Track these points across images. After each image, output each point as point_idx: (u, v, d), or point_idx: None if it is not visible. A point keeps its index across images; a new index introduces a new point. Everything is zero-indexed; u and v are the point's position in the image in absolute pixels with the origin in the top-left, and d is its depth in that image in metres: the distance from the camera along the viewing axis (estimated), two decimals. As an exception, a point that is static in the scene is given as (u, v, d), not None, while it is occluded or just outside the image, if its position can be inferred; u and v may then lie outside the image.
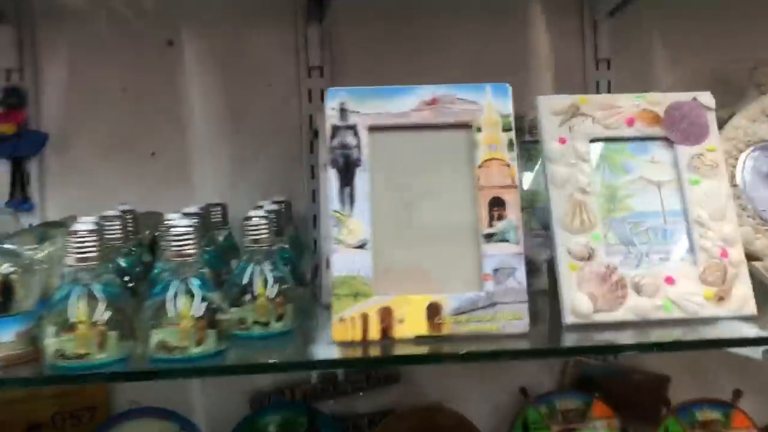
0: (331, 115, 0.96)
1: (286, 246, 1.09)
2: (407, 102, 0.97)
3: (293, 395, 1.37)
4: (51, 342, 0.83)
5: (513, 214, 0.95)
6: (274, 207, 1.07)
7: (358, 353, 0.91)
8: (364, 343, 0.91)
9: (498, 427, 1.37)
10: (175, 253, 0.86)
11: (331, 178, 0.95)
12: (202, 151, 1.33)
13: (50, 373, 0.84)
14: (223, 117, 1.32)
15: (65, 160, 1.31)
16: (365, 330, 0.91)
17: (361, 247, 0.93)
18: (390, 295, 0.92)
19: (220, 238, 1.16)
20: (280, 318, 0.96)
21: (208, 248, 1.05)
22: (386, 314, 0.92)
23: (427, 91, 0.97)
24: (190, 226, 0.87)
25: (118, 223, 1.03)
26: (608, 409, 1.34)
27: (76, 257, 0.84)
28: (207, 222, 1.07)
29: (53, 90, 1.29)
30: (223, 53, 1.32)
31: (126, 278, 1.01)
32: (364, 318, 0.91)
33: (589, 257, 0.97)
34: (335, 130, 0.96)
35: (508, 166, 0.96)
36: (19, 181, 1.27)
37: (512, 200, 0.95)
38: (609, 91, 1.38)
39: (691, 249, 1.00)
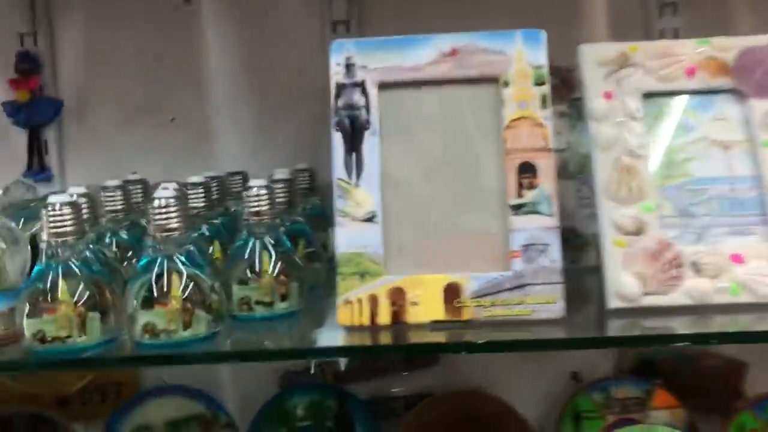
0: (335, 72, 0.85)
1: (300, 219, 0.99)
2: (423, 54, 0.85)
3: (324, 375, 1.28)
4: (28, 323, 0.77)
5: (546, 182, 0.82)
6: (284, 176, 0.97)
7: (365, 340, 0.81)
8: (373, 328, 0.81)
9: (545, 415, 1.24)
10: (159, 228, 0.78)
11: (335, 143, 0.84)
12: (223, 116, 1.24)
13: (27, 358, 0.78)
14: (244, 79, 1.23)
15: (83, 127, 1.26)
16: (374, 313, 0.81)
17: (369, 220, 0.83)
18: (402, 275, 0.82)
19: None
20: (284, 298, 0.87)
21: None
22: (398, 296, 0.81)
23: (446, 41, 0.85)
24: (173, 197, 0.78)
25: (118, 194, 0.96)
26: (672, 399, 1.20)
27: (52, 232, 0.77)
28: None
29: (68, 54, 1.23)
30: (242, 9, 1.22)
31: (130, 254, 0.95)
32: (373, 300, 0.81)
33: (639, 231, 0.83)
34: (340, 88, 0.85)
35: (541, 125, 0.83)
36: (36, 151, 1.23)
37: (545, 165, 0.82)
38: (677, 41, 1.21)
39: (765, 222, 0.84)
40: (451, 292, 0.81)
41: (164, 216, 0.78)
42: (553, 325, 0.80)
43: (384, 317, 0.81)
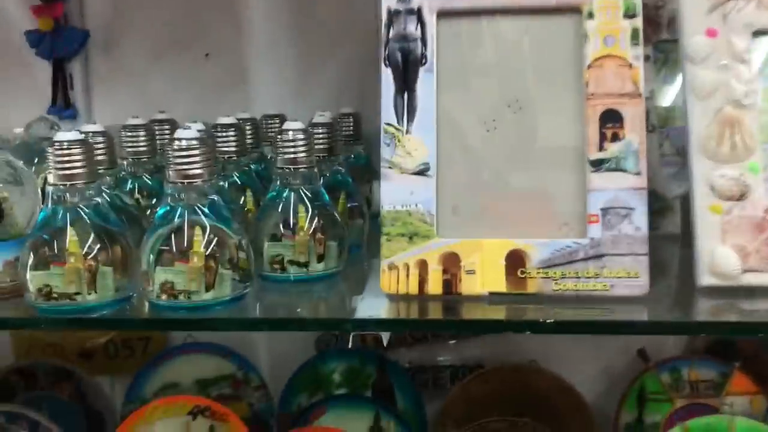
0: (388, -4, 0.72)
1: (341, 168, 0.88)
2: (493, -23, 0.71)
3: (364, 340, 1.19)
4: (32, 276, 0.68)
5: (634, 134, 0.69)
6: (325, 120, 0.85)
7: (411, 311, 0.70)
8: (422, 297, 0.70)
9: (607, 394, 1.12)
10: (179, 174, 0.68)
11: (385, 81, 0.72)
12: (262, 53, 1.12)
13: (31, 315, 0.69)
14: (284, 10, 1.11)
15: (111, 61, 1.15)
16: (423, 282, 0.70)
17: (421, 173, 0.71)
18: (457, 238, 0.70)
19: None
20: (320, 258, 0.76)
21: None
22: (451, 262, 0.70)
23: (522, -38, 0.71)
24: (196, 139, 0.67)
25: (141, 134, 0.86)
26: (752, 384, 1.07)
27: (59, 173, 0.68)
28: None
29: (97, -19, 1.13)
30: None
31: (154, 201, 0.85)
32: (422, 266, 0.70)
33: (741, 196, 0.70)
34: (392, 15, 0.72)
35: (630, 66, 0.69)
36: (61, 85, 1.13)
37: (634, 114, 0.69)
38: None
39: None
40: (514, 261, 0.69)
41: (185, 160, 0.67)
42: (634, 303, 0.68)
43: (434, 286, 0.70)
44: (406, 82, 0.72)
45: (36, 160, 0.86)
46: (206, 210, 0.69)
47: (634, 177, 0.68)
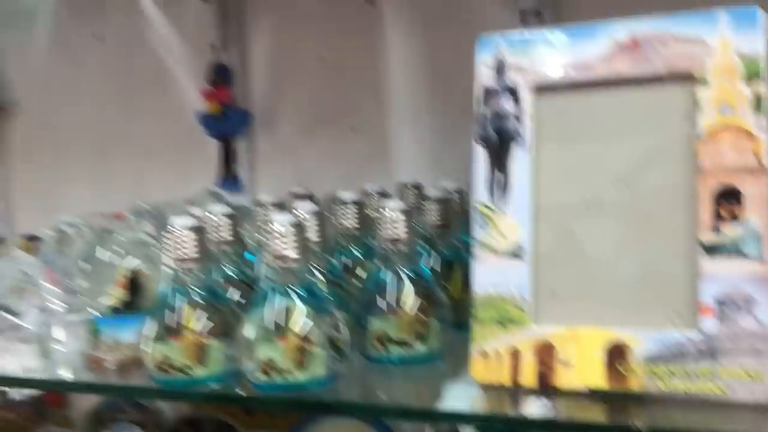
0: (483, 74, 0.71)
1: (457, 244, 0.86)
2: (593, 47, 0.67)
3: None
4: (152, 348, 0.75)
5: (756, 214, 0.60)
6: (438, 195, 0.85)
7: (503, 404, 0.66)
8: (515, 389, 0.66)
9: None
10: (274, 256, 0.71)
11: (478, 159, 0.70)
12: (404, 127, 1.15)
13: (150, 385, 0.75)
14: (426, 83, 1.13)
15: (272, 137, 1.25)
16: (515, 372, 0.66)
17: (515, 255, 0.68)
18: (553, 327, 0.65)
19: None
20: (421, 338, 0.75)
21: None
22: (546, 353, 0.65)
23: (622, 30, 0.66)
24: (292, 223, 0.70)
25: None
26: None
27: (175, 256, 0.74)
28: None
29: (257, 65, 1.23)
30: (425, 6, 1.12)
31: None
32: (515, 355, 0.66)
33: None
34: (488, 93, 0.70)
35: (752, 137, 0.61)
36: (227, 161, 1.24)
37: (755, 191, 0.60)
38: None
39: None
40: (616, 354, 0.63)
41: (280, 244, 0.70)
42: (756, 412, 0.58)
43: (528, 378, 0.65)
44: (500, 161, 0.69)
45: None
46: (300, 291, 0.71)
47: (756, 263, 0.59)
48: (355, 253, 0.89)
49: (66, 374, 0.82)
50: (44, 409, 1.44)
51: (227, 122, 1.22)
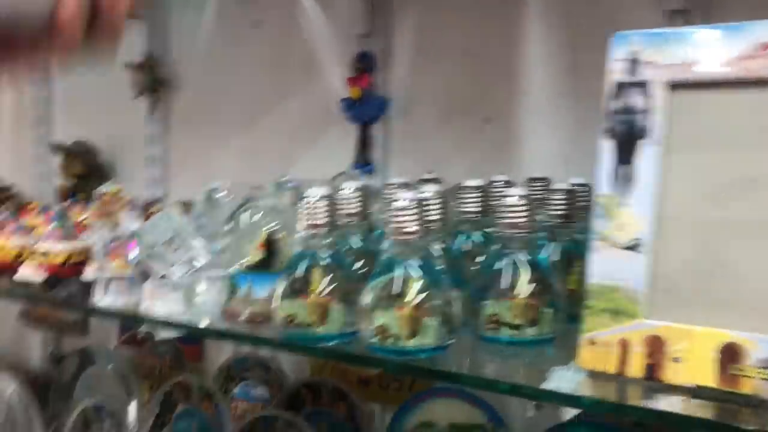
0: (616, 69, 0.72)
1: (579, 237, 0.87)
2: (733, 47, 0.66)
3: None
4: (282, 304, 0.81)
5: None
6: (564, 186, 0.86)
7: (607, 392, 0.67)
8: (620, 379, 0.67)
9: None
10: (396, 231, 0.75)
11: (604, 152, 0.71)
12: (538, 118, 1.16)
13: (276, 337, 0.82)
14: (563, 79, 1.13)
15: (407, 125, 1.30)
16: (623, 362, 0.67)
17: (632, 248, 0.68)
18: (665, 321, 0.66)
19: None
20: (533, 323, 0.77)
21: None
22: (656, 346, 0.66)
23: (765, 29, 0.65)
24: (413, 199, 0.75)
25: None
26: None
27: (306, 222, 0.80)
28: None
29: (400, 54, 1.28)
30: (569, 2, 1.12)
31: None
32: (624, 345, 0.67)
33: None
34: (620, 88, 0.71)
35: None
36: (363, 145, 1.31)
37: None
38: None
39: None
40: (729, 355, 0.62)
41: (402, 218, 0.75)
42: None
43: (635, 369, 0.66)
44: (626, 155, 0.70)
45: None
46: (419, 264, 0.75)
47: None
48: (475, 238, 0.92)
49: (205, 322, 0.91)
50: (182, 360, 1.58)
51: (366, 108, 1.28)
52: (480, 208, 0.92)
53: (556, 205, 0.86)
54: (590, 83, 1.11)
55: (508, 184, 0.97)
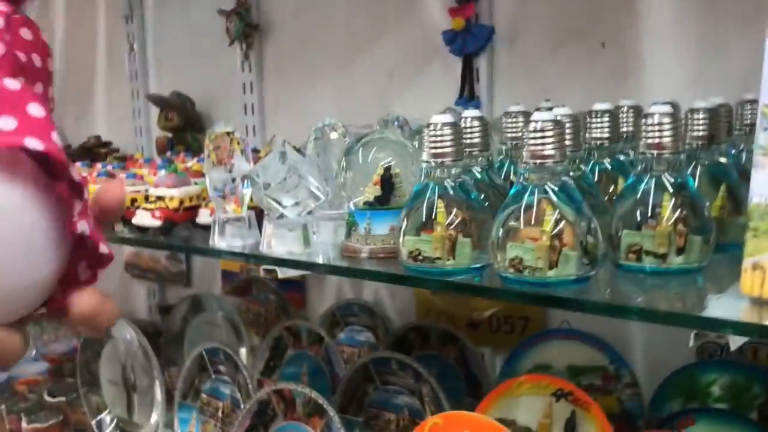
0: (780, -38, 0.64)
1: (723, 160, 0.80)
2: None
3: (755, 355, 1.06)
4: (405, 240, 0.78)
5: None
6: (706, 105, 0.79)
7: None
8: (789, 306, 0.61)
9: None
10: (532, 154, 0.71)
11: None
12: (660, 39, 1.07)
13: (401, 272, 0.79)
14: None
15: (513, 54, 1.23)
16: (793, 288, 0.61)
17: (804, 161, 0.61)
18: None
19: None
20: (680, 251, 0.71)
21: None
22: (834, 269, 0.59)
23: None
24: (550, 121, 0.69)
25: (520, 119, 0.91)
26: None
27: (431, 152, 0.77)
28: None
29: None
30: None
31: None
32: (794, 269, 0.61)
33: None
34: (784, -17, 0.63)
35: None
36: (468, 79, 1.25)
37: None
38: None
39: None
40: None
41: (538, 141, 0.70)
42: None
43: (808, 295, 0.60)
44: (794, 59, 0.62)
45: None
46: (556, 190, 0.70)
47: None
48: (607, 164, 0.86)
49: (324, 260, 0.89)
50: (287, 307, 1.59)
51: (470, 39, 1.22)
52: (610, 134, 0.86)
53: (698, 125, 0.79)
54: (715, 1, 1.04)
55: (638, 110, 0.90)
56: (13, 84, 0.39)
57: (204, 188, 1.07)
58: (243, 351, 1.44)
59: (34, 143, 0.38)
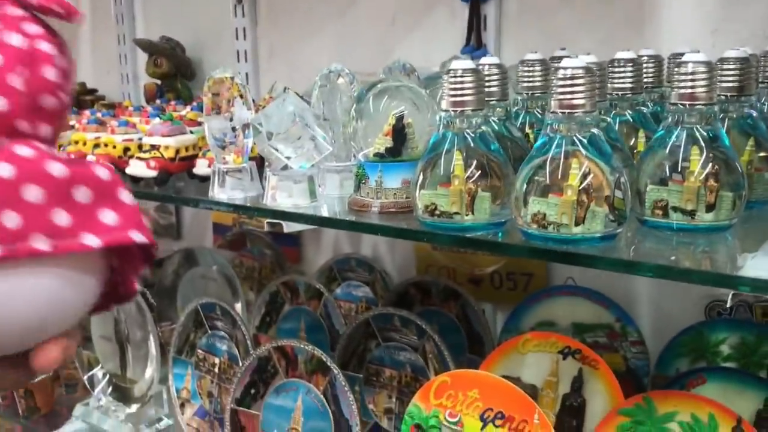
0: None
1: (753, 113, 0.77)
2: None
3: (766, 314, 1.04)
4: (421, 194, 0.74)
5: None
6: (738, 54, 0.75)
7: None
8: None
9: None
10: (560, 104, 0.67)
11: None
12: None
13: (416, 227, 0.76)
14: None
15: (523, 1, 1.18)
16: (836, 247, 0.58)
17: None
18: None
19: None
20: (710, 208, 0.68)
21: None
22: None
23: None
24: (580, 68, 0.65)
25: (537, 68, 0.86)
26: None
27: (450, 100, 0.72)
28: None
29: None
30: None
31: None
32: (838, 228, 0.58)
33: None
34: None
35: None
36: (475, 26, 1.19)
37: None
38: None
39: None
40: None
41: (567, 90, 0.66)
42: None
43: None
44: None
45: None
46: (585, 142, 0.66)
47: None
48: (628, 116, 0.82)
49: (331, 214, 0.85)
50: (282, 261, 1.56)
51: (479, -17, 1.17)
52: (633, 85, 0.82)
53: (729, 75, 0.75)
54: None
55: (658, 60, 0.86)
56: (103, 173, 0.40)
57: (201, 137, 1.02)
58: (238, 306, 1.41)
59: (139, 237, 0.41)
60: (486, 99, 0.79)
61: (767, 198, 0.77)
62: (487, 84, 0.80)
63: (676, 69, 0.69)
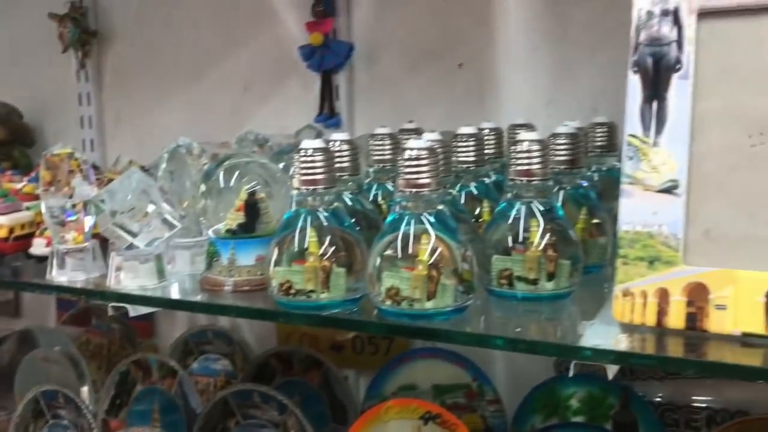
0: (642, -3, 0.66)
1: (584, 182, 0.82)
2: (768, -32, 0.61)
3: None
4: (275, 271, 0.73)
5: None
6: (568, 130, 0.80)
7: (646, 346, 0.63)
8: (660, 330, 0.63)
9: None
10: (407, 183, 0.68)
11: (632, 88, 0.66)
12: (515, 62, 1.10)
13: (271, 307, 0.74)
14: (541, 17, 1.07)
15: (373, 72, 1.21)
16: (662, 313, 0.63)
17: (667, 191, 0.64)
18: (707, 267, 0.62)
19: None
20: (551, 277, 0.72)
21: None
22: (698, 294, 0.62)
23: (806, -53, 0.60)
24: (425, 149, 0.67)
25: (387, 142, 0.88)
26: None
27: (302, 179, 0.72)
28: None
29: (363, -4, 1.19)
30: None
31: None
32: (663, 295, 0.63)
33: None
34: (645, 17, 0.65)
35: None
36: (328, 96, 1.22)
37: None
38: None
39: None
40: (779, 299, 0.59)
41: (414, 170, 0.68)
42: None
43: (676, 320, 0.62)
44: (656, 90, 0.64)
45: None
46: (432, 219, 0.68)
47: None
48: (472, 188, 0.86)
49: (181, 295, 0.82)
50: (133, 337, 1.47)
51: (329, 55, 1.19)
52: (475, 158, 0.86)
53: (560, 150, 0.80)
54: (570, 20, 1.07)
55: (498, 133, 0.91)
56: None
57: (38, 212, 0.95)
58: (85, 389, 1.31)
59: None
60: (338, 174, 0.80)
61: (603, 262, 0.82)
62: (338, 160, 0.81)
63: (513, 147, 0.73)
